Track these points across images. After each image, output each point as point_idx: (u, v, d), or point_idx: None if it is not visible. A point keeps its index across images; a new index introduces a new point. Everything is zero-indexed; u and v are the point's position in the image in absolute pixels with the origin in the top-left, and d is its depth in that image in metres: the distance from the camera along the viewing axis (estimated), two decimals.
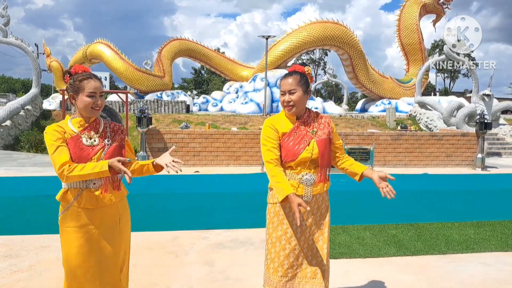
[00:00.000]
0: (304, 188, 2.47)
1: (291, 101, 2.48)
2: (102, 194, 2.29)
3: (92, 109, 2.30)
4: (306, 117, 2.55)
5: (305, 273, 2.48)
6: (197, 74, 60.87)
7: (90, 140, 2.30)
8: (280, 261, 2.47)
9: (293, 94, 2.47)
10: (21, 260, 4.06)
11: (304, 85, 2.50)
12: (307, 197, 2.48)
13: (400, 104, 24.39)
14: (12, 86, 56.52)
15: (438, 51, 46.71)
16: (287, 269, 2.46)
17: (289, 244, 2.47)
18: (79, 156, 2.24)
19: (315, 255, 2.50)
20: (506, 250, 4.58)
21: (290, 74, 2.52)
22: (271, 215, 2.55)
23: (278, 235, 2.49)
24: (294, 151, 2.45)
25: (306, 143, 2.47)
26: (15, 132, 15.44)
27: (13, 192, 7.18)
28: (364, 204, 6.38)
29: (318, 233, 2.52)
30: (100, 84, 2.32)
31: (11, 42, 17.23)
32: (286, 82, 2.49)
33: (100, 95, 2.32)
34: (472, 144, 12.14)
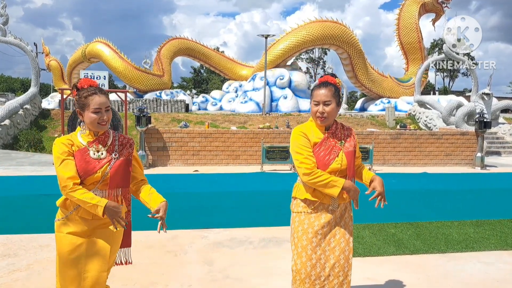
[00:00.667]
0: (331, 197, 2.46)
1: (325, 113, 2.45)
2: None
3: (99, 124, 2.29)
4: (334, 129, 2.54)
5: (332, 285, 2.46)
6: (197, 73, 60.83)
7: (98, 153, 2.29)
8: (307, 272, 2.44)
9: (328, 105, 2.44)
10: (19, 259, 4.05)
11: (337, 97, 2.49)
12: (333, 206, 2.48)
13: (400, 103, 24.38)
14: (11, 85, 56.45)
15: (437, 50, 46.74)
16: (314, 280, 2.43)
17: (315, 254, 2.44)
18: (85, 169, 2.24)
19: (343, 266, 2.47)
20: (506, 249, 4.58)
21: (325, 85, 2.48)
22: (295, 224, 2.52)
23: (304, 244, 2.46)
24: (325, 162, 2.44)
25: (336, 154, 2.46)
26: (14, 132, 15.42)
27: (11, 191, 7.17)
28: (364, 203, 6.37)
29: (344, 243, 2.49)
30: (105, 98, 2.30)
31: (10, 41, 17.20)
32: (320, 93, 2.45)
33: (106, 109, 2.30)
34: (471, 143, 12.14)
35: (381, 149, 11.80)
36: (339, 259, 2.46)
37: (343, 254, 2.47)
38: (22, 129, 15.84)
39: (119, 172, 2.30)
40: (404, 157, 11.99)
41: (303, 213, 2.49)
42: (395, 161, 11.93)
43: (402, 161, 11.95)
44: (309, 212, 2.48)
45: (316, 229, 2.45)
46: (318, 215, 2.47)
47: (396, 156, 11.95)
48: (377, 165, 11.41)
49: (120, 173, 2.32)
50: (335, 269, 2.46)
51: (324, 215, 2.47)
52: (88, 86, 2.31)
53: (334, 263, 2.46)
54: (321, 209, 2.47)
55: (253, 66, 28.12)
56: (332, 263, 2.46)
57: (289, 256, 2.88)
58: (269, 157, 10.51)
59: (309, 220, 2.47)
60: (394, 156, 11.95)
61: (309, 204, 2.49)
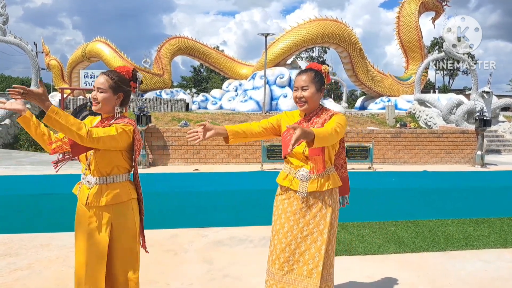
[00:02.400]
0: (299, 183, 2.47)
1: (303, 97, 2.48)
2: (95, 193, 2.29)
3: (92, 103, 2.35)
4: (313, 115, 2.55)
5: (301, 271, 2.47)
6: (196, 72, 60.78)
7: None
8: (277, 254, 2.51)
9: (306, 90, 2.48)
10: (20, 258, 4.06)
11: (318, 83, 2.50)
12: (301, 193, 2.47)
13: (400, 101, 24.37)
14: (11, 84, 56.41)
15: (437, 48, 46.70)
16: (282, 262, 2.49)
17: (285, 239, 2.49)
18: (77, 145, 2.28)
19: (313, 255, 2.46)
20: (506, 246, 4.59)
21: (305, 71, 2.53)
22: (274, 207, 2.63)
23: (277, 228, 2.55)
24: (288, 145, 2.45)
25: None
26: (14, 131, 15.43)
27: (12, 190, 7.16)
28: (364, 201, 6.38)
29: (317, 233, 2.48)
30: (103, 80, 2.32)
31: (10, 40, 17.19)
32: (300, 78, 2.51)
33: (100, 91, 2.31)
34: (471, 141, 12.14)
35: (381, 148, 11.80)
36: (310, 247, 2.47)
37: (315, 244, 2.46)
38: (22, 129, 15.83)
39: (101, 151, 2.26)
40: (404, 156, 11.99)
41: (279, 196, 2.59)
42: (395, 160, 11.93)
43: (402, 160, 11.96)
44: (283, 198, 2.55)
45: (288, 215, 2.51)
46: (290, 202, 2.52)
47: (396, 155, 11.95)
48: (377, 163, 11.41)
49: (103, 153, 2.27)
50: (305, 256, 2.47)
51: (296, 202, 2.50)
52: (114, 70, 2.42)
53: (304, 251, 2.48)
54: (292, 196, 2.51)
55: (253, 65, 28.11)
56: (302, 250, 2.48)
57: None
58: (269, 156, 10.51)
59: (283, 206, 2.55)
60: (394, 154, 11.95)
61: (282, 189, 2.58)
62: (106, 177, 2.31)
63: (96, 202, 2.28)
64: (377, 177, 8.79)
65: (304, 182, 2.46)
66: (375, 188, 7.46)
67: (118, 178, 2.34)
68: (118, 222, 2.33)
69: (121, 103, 2.38)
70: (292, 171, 2.52)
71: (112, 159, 2.30)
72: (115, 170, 2.33)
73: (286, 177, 2.54)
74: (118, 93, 2.35)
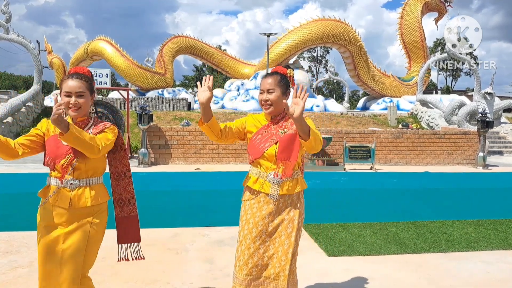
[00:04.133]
0: (271, 186, 2.47)
1: (268, 100, 2.49)
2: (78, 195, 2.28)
3: (69, 109, 2.26)
4: (280, 118, 2.55)
5: (269, 273, 2.48)
6: (199, 71, 60.82)
7: None
8: (245, 260, 2.49)
9: (271, 93, 2.48)
10: (21, 256, 4.07)
11: (284, 86, 2.52)
12: (273, 196, 2.47)
13: (402, 102, 24.33)
14: (13, 82, 56.54)
15: (440, 49, 46.61)
16: (251, 267, 2.48)
17: (254, 244, 2.48)
18: (55, 153, 2.28)
19: (280, 258, 2.47)
20: (507, 248, 4.58)
21: (271, 74, 2.54)
22: (241, 212, 2.59)
23: (245, 233, 2.52)
24: (259, 149, 2.48)
25: (273, 142, 2.47)
26: (16, 129, 15.46)
27: (14, 188, 7.19)
28: (365, 202, 6.38)
29: (284, 236, 2.48)
30: (78, 83, 2.26)
31: (12, 39, 17.22)
32: (265, 82, 2.51)
33: (78, 95, 2.26)
34: (473, 142, 12.12)
35: (383, 148, 11.79)
36: (278, 250, 2.48)
37: (282, 247, 2.47)
38: (24, 127, 15.87)
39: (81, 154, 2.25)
40: (406, 156, 11.97)
41: (248, 201, 2.55)
42: (397, 160, 11.91)
43: (404, 160, 11.94)
44: (252, 203, 2.52)
45: (257, 220, 2.49)
46: (260, 206, 2.50)
47: (398, 155, 11.94)
48: (378, 164, 11.40)
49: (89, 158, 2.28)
50: (273, 259, 2.48)
51: (266, 206, 2.48)
52: (73, 72, 2.33)
53: (272, 254, 2.48)
54: (262, 199, 2.49)
55: (255, 64, 28.10)
56: (270, 253, 2.49)
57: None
58: None
59: (252, 211, 2.52)
60: (396, 155, 11.93)
61: (252, 193, 2.54)
62: (88, 179, 2.32)
63: (81, 203, 2.28)
64: (379, 178, 8.78)
65: (276, 185, 2.46)
66: (377, 188, 7.46)
67: (97, 180, 2.37)
68: (96, 223, 2.35)
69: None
70: (263, 174, 2.49)
71: (96, 162, 2.33)
72: (96, 172, 2.37)
73: (256, 181, 2.51)
74: (92, 94, 2.36)
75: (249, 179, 2.58)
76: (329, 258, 4.19)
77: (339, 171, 10.00)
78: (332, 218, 5.59)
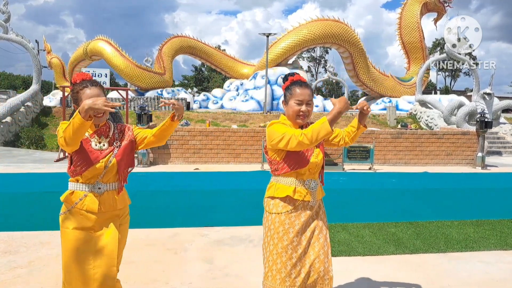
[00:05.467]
0: (312, 194, 2.49)
1: (307, 112, 2.49)
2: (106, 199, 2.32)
3: (95, 116, 2.27)
4: (305, 126, 2.55)
5: (312, 279, 2.46)
6: (198, 71, 60.82)
7: (99, 144, 2.33)
8: (287, 271, 2.41)
9: (310, 105, 2.49)
10: (20, 256, 4.07)
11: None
12: (313, 203, 2.50)
13: (401, 102, 24.37)
14: (12, 82, 56.46)
15: (439, 49, 46.65)
16: (294, 278, 2.42)
17: (296, 253, 2.43)
18: (87, 158, 2.27)
19: (323, 261, 2.46)
20: (506, 248, 4.58)
21: (306, 85, 2.51)
22: (276, 224, 2.47)
23: (284, 244, 2.43)
24: (305, 157, 2.45)
25: (312, 150, 2.49)
26: (15, 129, 15.44)
27: (13, 188, 7.18)
28: (364, 202, 6.38)
29: (323, 239, 2.50)
30: (97, 90, 2.29)
31: (11, 38, 17.21)
32: (305, 93, 2.46)
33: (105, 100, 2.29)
34: (472, 142, 12.13)
35: (382, 149, 11.80)
36: (319, 254, 2.47)
37: (323, 250, 2.48)
38: (23, 126, 15.86)
39: (124, 157, 2.37)
40: (405, 157, 11.98)
41: (283, 213, 2.46)
42: (396, 161, 11.93)
43: (403, 161, 11.95)
44: (289, 212, 2.46)
45: (298, 228, 2.45)
46: (298, 214, 2.47)
47: (397, 156, 11.95)
48: (378, 164, 11.41)
49: (125, 158, 2.39)
50: (315, 265, 2.46)
51: (304, 213, 2.48)
52: (80, 80, 2.33)
53: (314, 259, 2.46)
54: (301, 207, 2.48)
55: (254, 64, 28.11)
56: (312, 259, 2.46)
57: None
58: None
59: (290, 220, 2.45)
60: (395, 155, 11.94)
61: (290, 202, 2.46)
62: (114, 183, 2.37)
63: (110, 207, 2.33)
64: (378, 178, 8.79)
65: (315, 192, 2.51)
66: (376, 189, 7.46)
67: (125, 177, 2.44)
68: (124, 226, 2.45)
69: None
70: (301, 183, 2.47)
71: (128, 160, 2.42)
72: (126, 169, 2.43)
73: (294, 190, 2.46)
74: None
75: (282, 189, 2.48)
76: None
77: (338, 171, 10.01)
78: (331, 218, 5.55)
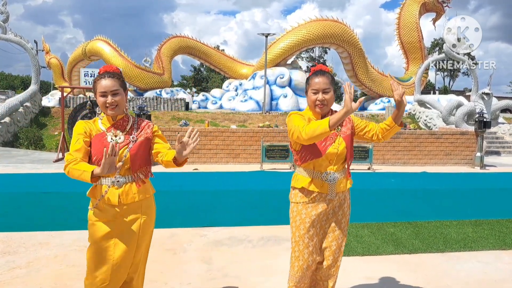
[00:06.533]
0: (329, 186, 2.48)
1: (324, 100, 2.45)
2: (126, 192, 2.33)
3: (106, 108, 2.31)
4: (330, 115, 2.51)
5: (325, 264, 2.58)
6: (197, 71, 60.76)
7: (115, 138, 2.33)
8: (305, 259, 2.51)
9: (327, 93, 2.45)
10: (19, 256, 4.06)
11: (334, 85, 2.52)
12: (331, 195, 2.50)
13: None
14: (11, 83, 56.40)
15: (438, 49, 46.69)
16: (311, 264, 2.53)
17: (312, 242, 2.50)
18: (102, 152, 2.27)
19: (334, 251, 2.55)
20: (504, 248, 4.59)
21: (322, 73, 2.48)
22: (293, 213, 2.55)
23: (301, 233, 2.50)
24: (321, 148, 2.45)
25: (332, 140, 2.47)
26: (14, 129, 15.42)
27: (11, 188, 7.18)
28: (363, 202, 6.39)
29: (339, 231, 2.55)
30: (112, 81, 2.30)
31: (10, 38, 17.19)
32: (320, 81, 2.45)
33: (113, 93, 2.30)
34: (471, 142, 12.15)
35: (381, 149, 11.80)
36: (331, 245, 2.54)
37: (336, 241, 2.54)
38: (22, 127, 15.84)
39: (139, 153, 2.36)
40: (404, 157, 11.99)
41: (301, 203, 2.52)
42: (395, 161, 11.93)
43: (401, 161, 11.96)
44: (307, 202, 2.51)
45: (313, 218, 2.50)
46: (315, 205, 2.50)
47: (395, 156, 11.96)
48: (376, 164, 11.42)
49: (140, 154, 2.38)
50: (326, 252, 2.55)
51: (322, 204, 2.50)
52: (104, 71, 2.35)
53: (325, 247, 2.54)
54: (318, 198, 2.50)
55: (253, 64, 28.11)
56: (324, 246, 2.55)
57: (288, 254, 2.89)
58: (268, 156, 10.52)
59: (306, 210, 2.51)
60: (393, 155, 11.95)
61: (307, 194, 2.51)
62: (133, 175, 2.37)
63: (129, 199, 2.34)
64: (377, 178, 8.80)
65: (333, 185, 2.48)
66: (374, 189, 7.47)
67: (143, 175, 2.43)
68: (147, 216, 2.45)
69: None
70: (319, 175, 2.48)
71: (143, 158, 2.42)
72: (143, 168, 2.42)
73: (311, 181, 2.48)
74: (125, 91, 2.40)
75: (300, 180, 2.52)
76: None
77: None
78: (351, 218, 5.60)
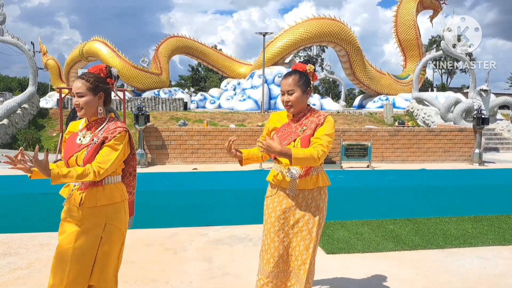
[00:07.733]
0: (290, 182, 2.52)
1: (289, 101, 2.53)
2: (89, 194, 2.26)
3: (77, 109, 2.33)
4: (301, 116, 2.58)
5: (293, 265, 2.58)
6: (194, 71, 60.74)
7: (83, 139, 2.32)
8: (272, 253, 2.57)
9: (292, 94, 2.51)
10: (20, 258, 4.06)
11: (303, 85, 2.52)
12: (291, 191, 2.53)
13: (398, 100, 24.41)
14: (8, 84, 56.30)
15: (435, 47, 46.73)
16: (277, 260, 2.56)
17: (277, 237, 2.57)
18: (67, 152, 2.32)
19: (302, 252, 2.53)
20: (503, 244, 4.61)
21: (290, 74, 2.55)
22: (264, 207, 2.69)
23: (268, 227, 2.61)
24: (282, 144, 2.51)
25: (292, 139, 2.52)
26: (12, 131, 15.39)
27: (11, 190, 7.17)
28: (362, 199, 6.40)
29: (306, 231, 2.54)
30: (80, 83, 2.28)
31: (7, 40, 17.15)
32: (285, 83, 2.54)
33: (79, 95, 2.28)
34: (469, 139, 12.17)
35: (380, 146, 11.82)
36: (299, 245, 2.55)
37: (303, 242, 2.53)
38: (20, 128, 15.81)
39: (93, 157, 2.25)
40: (403, 154, 12.01)
41: (269, 197, 2.64)
42: (394, 158, 11.96)
43: (400, 158, 11.98)
44: (273, 197, 2.61)
45: (278, 213, 2.57)
46: (280, 200, 2.57)
47: (394, 153, 11.98)
48: (375, 162, 11.44)
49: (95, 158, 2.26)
50: (295, 252, 2.57)
51: (285, 200, 2.56)
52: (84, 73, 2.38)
53: (294, 247, 2.57)
54: (282, 194, 2.57)
55: (251, 64, 28.12)
56: (293, 246, 2.58)
57: None
58: None
59: (273, 205, 2.60)
60: (392, 153, 11.97)
61: (273, 187, 2.63)
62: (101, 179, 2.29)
63: (91, 203, 2.26)
64: (376, 176, 8.82)
65: (294, 180, 2.51)
66: (374, 186, 7.48)
67: (112, 179, 2.34)
68: (112, 223, 2.31)
69: (103, 102, 2.38)
70: (282, 169, 2.56)
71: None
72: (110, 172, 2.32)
73: (276, 175, 2.59)
74: (98, 93, 2.32)
75: (270, 174, 2.67)
76: (327, 256, 4.21)
77: (336, 169, 10.03)
78: (330, 216, 5.55)
